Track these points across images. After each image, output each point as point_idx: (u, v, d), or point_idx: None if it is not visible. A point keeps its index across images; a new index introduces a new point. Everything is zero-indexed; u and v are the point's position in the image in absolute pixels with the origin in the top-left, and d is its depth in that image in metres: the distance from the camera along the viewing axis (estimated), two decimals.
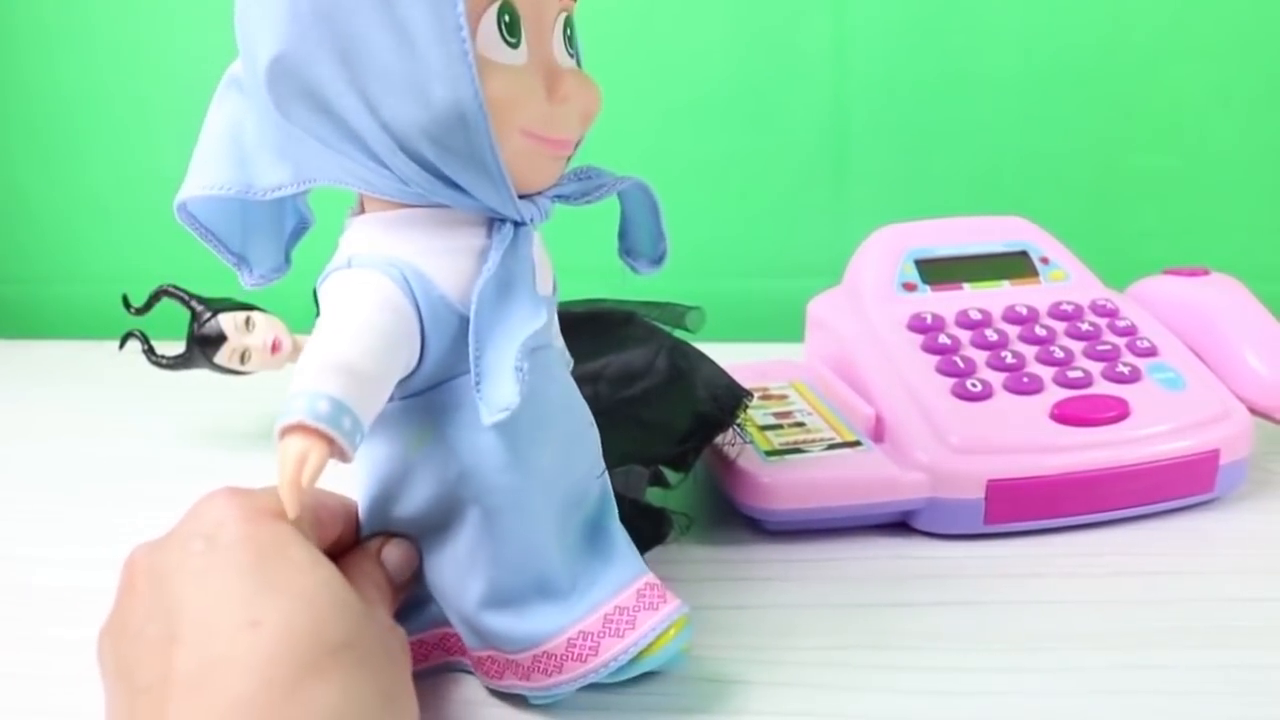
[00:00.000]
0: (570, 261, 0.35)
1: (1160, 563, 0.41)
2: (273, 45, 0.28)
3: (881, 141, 0.75)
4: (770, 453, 0.45)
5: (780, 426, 0.48)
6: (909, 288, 0.53)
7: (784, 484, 0.43)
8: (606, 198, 0.35)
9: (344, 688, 0.26)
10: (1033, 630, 0.37)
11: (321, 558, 0.29)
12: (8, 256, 0.87)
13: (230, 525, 0.28)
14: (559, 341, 0.35)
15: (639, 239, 0.37)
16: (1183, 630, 0.36)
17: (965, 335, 0.50)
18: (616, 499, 0.35)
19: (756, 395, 0.48)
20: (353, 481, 0.33)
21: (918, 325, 0.50)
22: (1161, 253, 0.59)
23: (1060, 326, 0.51)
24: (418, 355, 0.30)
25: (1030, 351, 0.49)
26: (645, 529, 0.39)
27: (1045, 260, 0.54)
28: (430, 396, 0.31)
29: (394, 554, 0.33)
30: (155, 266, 0.61)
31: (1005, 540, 0.43)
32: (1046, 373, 0.47)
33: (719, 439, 0.43)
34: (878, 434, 0.47)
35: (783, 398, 0.52)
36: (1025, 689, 0.33)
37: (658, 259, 0.37)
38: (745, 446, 0.45)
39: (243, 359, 0.55)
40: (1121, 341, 0.49)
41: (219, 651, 0.25)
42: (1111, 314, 0.51)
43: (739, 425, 0.44)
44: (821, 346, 0.55)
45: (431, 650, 0.35)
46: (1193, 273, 0.53)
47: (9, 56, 0.82)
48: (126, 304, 0.56)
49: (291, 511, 0.27)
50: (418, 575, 0.33)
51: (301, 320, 0.56)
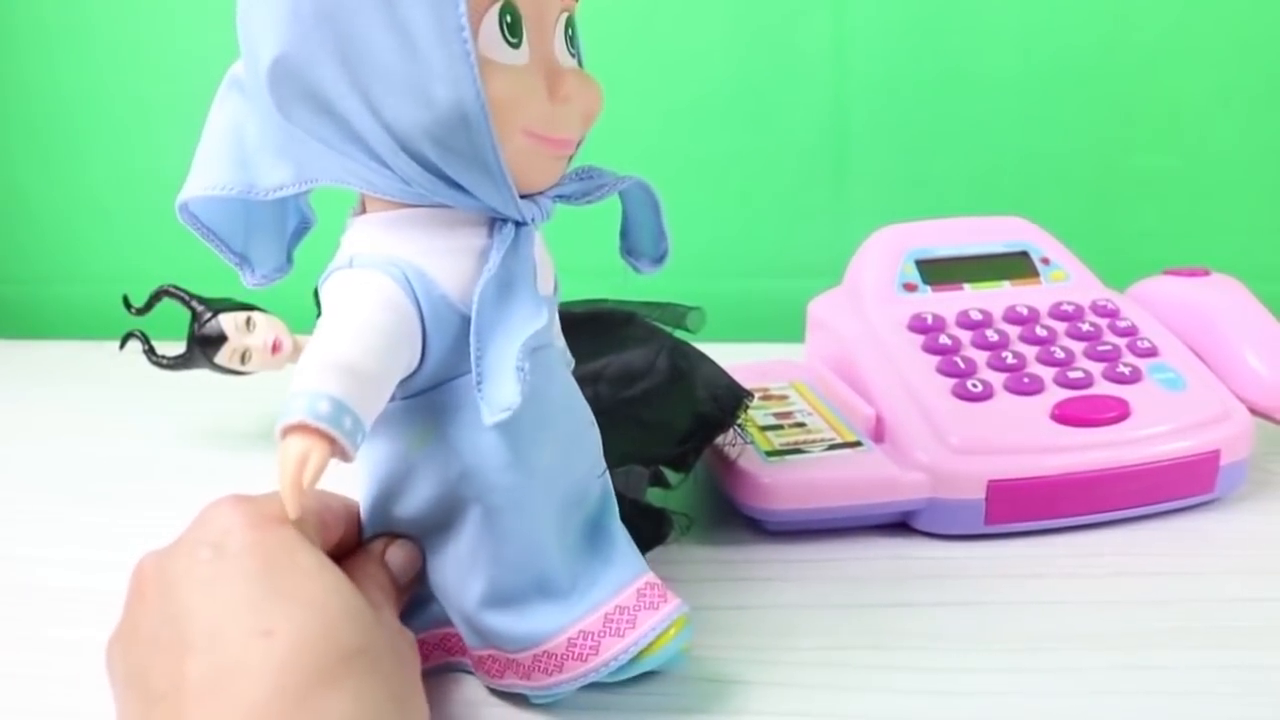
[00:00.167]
0: (570, 261, 0.35)
1: (1161, 563, 0.41)
2: (274, 47, 0.28)
3: (881, 141, 0.75)
4: (771, 453, 0.45)
5: (781, 427, 0.48)
6: (909, 288, 0.53)
7: (784, 484, 0.43)
8: (608, 197, 0.35)
9: (357, 694, 0.26)
10: (1033, 630, 0.37)
11: (329, 563, 0.29)
12: (8, 256, 0.87)
13: (237, 532, 0.28)
14: (560, 341, 0.35)
15: (640, 238, 0.37)
16: (1183, 631, 0.36)
17: (966, 335, 0.50)
18: (617, 499, 0.35)
19: (757, 395, 0.48)
20: (354, 482, 0.33)
21: (918, 325, 0.50)
22: (1161, 253, 0.59)
23: (1061, 327, 0.51)
24: (419, 355, 0.30)
25: (1031, 352, 0.49)
26: (645, 529, 0.39)
27: (1046, 261, 0.54)
28: (431, 396, 0.31)
29: (398, 555, 0.33)
30: (155, 266, 0.61)
31: (1006, 540, 0.43)
32: (1047, 373, 0.47)
33: (719, 439, 0.43)
34: (878, 434, 0.47)
35: (783, 398, 0.52)
36: (1025, 689, 0.33)
37: (659, 258, 0.37)
38: (746, 447, 0.45)
39: (243, 359, 0.55)
40: (1122, 342, 0.49)
41: (232, 659, 0.25)
42: (1112, 314, 0.51)
43: (739, 425, 0.44)
44: (822, 347, 0.55)
45: (432, 650, 0.35)
46: (1193, 273, 0.53)
47: (9, 56, 0.82)
48: (127, 304, 0.56)
49: (293, 512, 0.27)
50: (421, 576, 0.33)
51: (302, 320, 0.56)
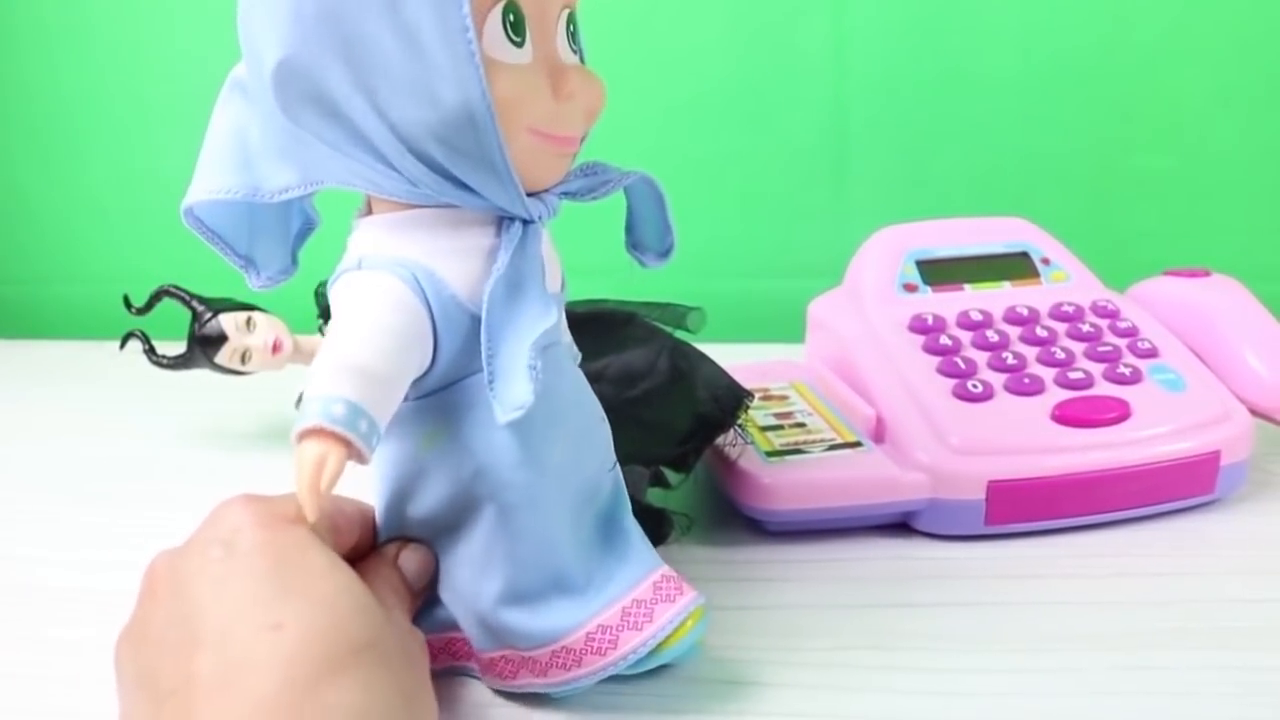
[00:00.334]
0: (571, 261, 0.35)
1: (1161, 564, 0.41)
2: (278, 49, 0.28)
3: (881, 141, 0.75)
4: (771, 453, 0.45)
5: (781, 427, 0.48)
6: (910, 288, 0.53)
7: (785, 485, 0.43)
8: (614, 193, 0.35)
9: (366, 686, 0.26)
10: (1033, 631, 0.37)
11: (340, 562, 0.29)
12: (8, 256, 0.87)
13: (247, 531, 0.28)
14: (567, 337, 0.35)
15: (646, 233, 0.37)
16: (1183, 631, 0.36)
17: (966, 336, 0.50)
18: None
19: (757, 396, 0.48)
20: (368, 485, 0.33)
21: (919, 326, 0.50)
22: (1161, 253, 0.59)
23: (1061, 327, 0.51)
24: (431, 355, 0.30)
25: (1031, 352, 0.49)
26: (646, 529, 0.38)
27: (1046, 261, 0.54)
28: (444, 396, 0.31)
29: (411, 559, 0.33)
30: (155, 266, 0.61)
31: (1006, 541, 0.43)
32: (1047, 374, 0.47)
33: (720, 439, 0.43)
34: (878, 435, 0.47)
35: (783, 398, 0.52)
36: (1026, 690, 0.33)
37: (665, 252, 0.37)
38: (746, 447, 0.45)
39: (243, 359, 0.55)
40: (1122, 342, 0.49)
41: (241, 654, 0.25)
42: (1112, 315, 0.51)
43: (740, 426, 0.44)
44: (822, 347, 0.55)
45: (438, 654, 0.35)
46: (1193, 274, 0.53)
47: (9, 56, 0.82)
48: (127, 304, 0.56)
49: (311, 515, 0.27)
50: (433, 580, 0.33)
51: (302, 320, 0.56)
